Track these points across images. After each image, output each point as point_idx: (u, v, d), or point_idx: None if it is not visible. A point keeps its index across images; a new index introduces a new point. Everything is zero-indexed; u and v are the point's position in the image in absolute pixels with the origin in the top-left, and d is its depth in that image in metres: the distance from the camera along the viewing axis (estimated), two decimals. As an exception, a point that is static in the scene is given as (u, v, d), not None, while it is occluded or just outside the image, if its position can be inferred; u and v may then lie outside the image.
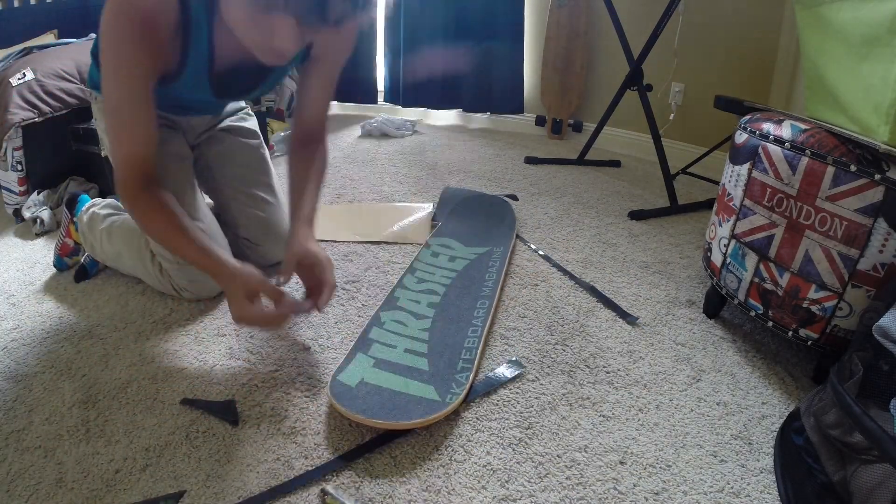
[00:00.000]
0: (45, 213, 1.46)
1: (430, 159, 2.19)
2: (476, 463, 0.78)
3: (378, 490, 0.73)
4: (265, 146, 1.30)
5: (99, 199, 1.30)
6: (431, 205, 1.64)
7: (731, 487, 0.75)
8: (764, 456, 0.81)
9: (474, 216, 1.53)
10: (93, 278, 1.23)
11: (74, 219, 1.26)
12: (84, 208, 1.27)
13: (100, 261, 1.24)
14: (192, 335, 1.04)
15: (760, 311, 0.98)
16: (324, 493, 0.71)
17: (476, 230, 1.45)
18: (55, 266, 1.27)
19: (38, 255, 1.35)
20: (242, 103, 1.34)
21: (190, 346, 1.01)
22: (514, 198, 1.69)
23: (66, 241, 1.27)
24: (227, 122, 1.27)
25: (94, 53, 1.05)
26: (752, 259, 0.99)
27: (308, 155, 1.10)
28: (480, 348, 0.97)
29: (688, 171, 1.89)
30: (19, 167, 1.49)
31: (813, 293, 0.89)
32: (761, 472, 0.78)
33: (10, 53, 1.64)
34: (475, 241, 1.39)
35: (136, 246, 1.14)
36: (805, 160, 0.88)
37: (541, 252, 1.40)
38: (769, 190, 0.94)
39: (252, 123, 1.31)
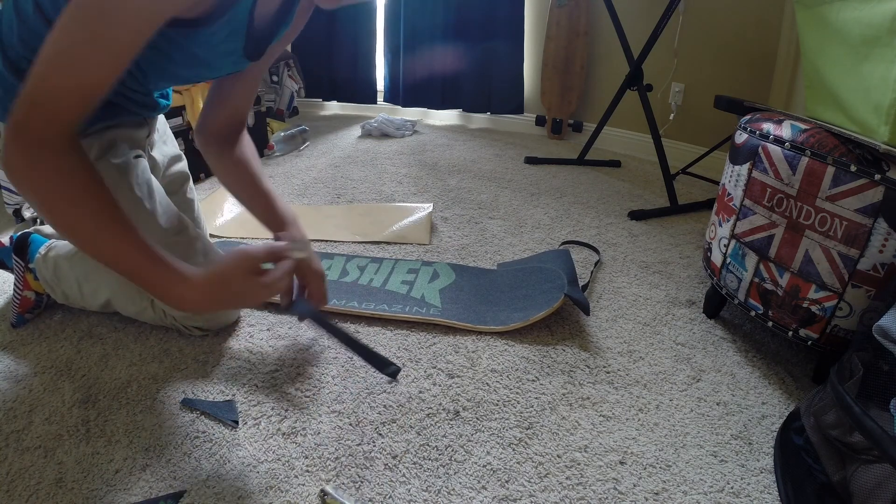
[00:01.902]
0: (45, 213, 1.46)
1: (430, 159, 2.19)
2: (476, 463, 0.78)
3: (378, 490, 0.73)
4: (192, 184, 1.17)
5: (56, 242, 1.06)
6: (431, 205, 1.64)
7: (731, 487, 0.75)
8: (764, 456, 0.81)
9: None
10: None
11: (31, 265, 1.04)
12: (40, 251, 1.03)
13: (79, 308, 1.06)
14: (193, 335, 1.04)
15: (760, 311, 0.98)
16: (324, 493, 0.71)
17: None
18: (13, 325, 1.04)
19: (38, 255, 1.35)
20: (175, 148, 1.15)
21: (190, 345, 1.01)
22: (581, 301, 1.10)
23: (26, 294, 1.03)
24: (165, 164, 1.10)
25: (7, 55, 0.76)
26: (752, 259, 0.99)
27: (240, 149, 0.99)
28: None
29: (688, 171, 1.90)
30: (19, 167, 1.48)
31: (813, 293, 0.89)
32: (761, 472, 0.78)
33: None
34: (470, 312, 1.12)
35: (128, 291, 0.97)
36: (805, 160, 0.88)
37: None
38: (769, 190, 0.95)
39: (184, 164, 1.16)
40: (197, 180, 1.87)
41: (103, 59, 0.63)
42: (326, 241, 1.44)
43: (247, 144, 1.02)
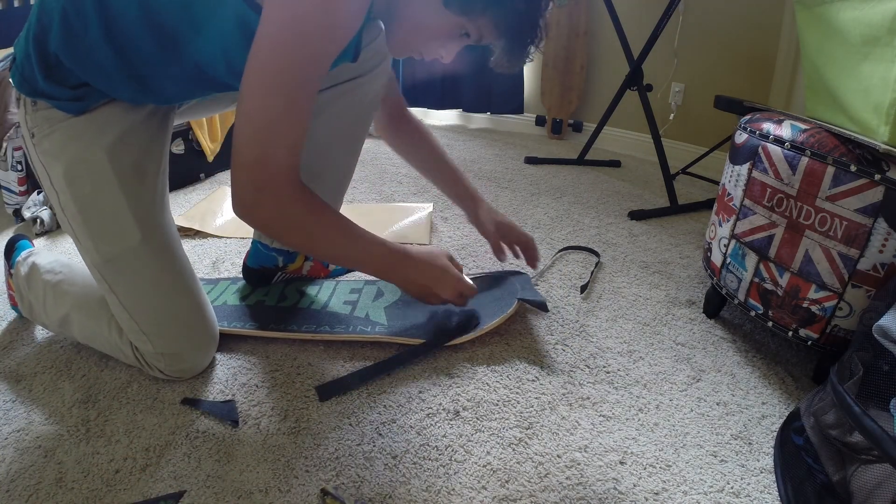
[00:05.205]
0: (45, 213, 1.46)
1: (430, 159, 2.19)
2: (476, 463, 0.78)
3: (378, 490, 0.73)
4: None
5: (39, 249, 1.07)
6: (431, 205, 1.64)
7: (731, 487, 0.75)
8: (764, 456, 0.81)
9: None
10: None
11: (12, 270, 1.04)
12: (21, 257, 1.03)
13: (40, 325, 1.02)
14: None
15: (760, 311, 0.98)
16: (324, 493, 0.71)
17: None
18: (15, 312, 1.08)
19: (38, 255, 1.35)
20: None
21: (190, 346, 1.01)
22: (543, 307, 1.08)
23: (12, 293, 1.06)
24: None
25: (39, 37, 0.78)
26: (752, 259, 0.99)
27: (413, 130, 1.14)
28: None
29: (688, 171, 1.90)
30: (19, 167, 1.49)
31: (813, 293, 0.89)
32: (761, 472, 0.78)
33: (10, 53, 1.64)
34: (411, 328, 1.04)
35: (91, 309, 0.92)
36: (805, 160, 0.88)
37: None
38: (769, 190, 0.95)
39: None
40: (197, 180, 1.87)
41: (303, 114, 0.72)
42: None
43: (422, 126, 1.16)
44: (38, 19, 0.78)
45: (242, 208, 0.76)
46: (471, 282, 0.98)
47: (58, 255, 1.05)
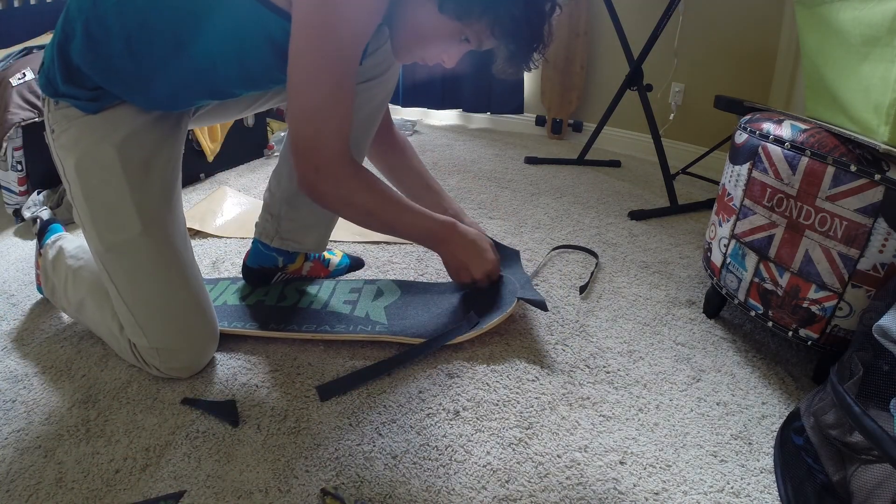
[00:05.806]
0: (45, 213, 1.46)
1: (430, 159, 2.19)
2: (476, 463, 0.78)
3: (378, 490, 0.73)
4: None
5: (68, 234, 1.13)
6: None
7: (731, 487, 0.75)
8: (764, 456, 0.81)
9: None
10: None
11: (41, 251, 1.10)
12: (51, 240, 1.09)
13: (59, 308, 1.07)
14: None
15: (760, 311, 0.98)
16: (324, 493, 0.71)
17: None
18: (40, 292, 1.14)
19: (38, 255, 1.35)
20: None
21: (190, 346, 1.01)
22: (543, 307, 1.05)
23: (39, 273, 1.12)
24: None
25: (62, 44, 0.82)
26: (752, 259, 0.99)
27: (392, 143, 1.14)
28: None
29: (688, 171, 1.90)
30: (19, 167, 1.49)
31: (813, 293, 0.89)
32: (761, 472, 0.78)
33: (10, 53, 1.64)
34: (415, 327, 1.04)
35: (101, 298, 0.95)
36: (805, 160, 0.88)
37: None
38: (769, 190, 0.95)
39: None
40: (197, 180, 1.87)
41: (347, 96, 0.78)
42: (326, 241, 1.44)
43: (404, 142, 1.16)
44: (62, 28, 0.82)
45: (305, 187, 0.83)
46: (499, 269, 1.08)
47: (83, 241, 1.07)
